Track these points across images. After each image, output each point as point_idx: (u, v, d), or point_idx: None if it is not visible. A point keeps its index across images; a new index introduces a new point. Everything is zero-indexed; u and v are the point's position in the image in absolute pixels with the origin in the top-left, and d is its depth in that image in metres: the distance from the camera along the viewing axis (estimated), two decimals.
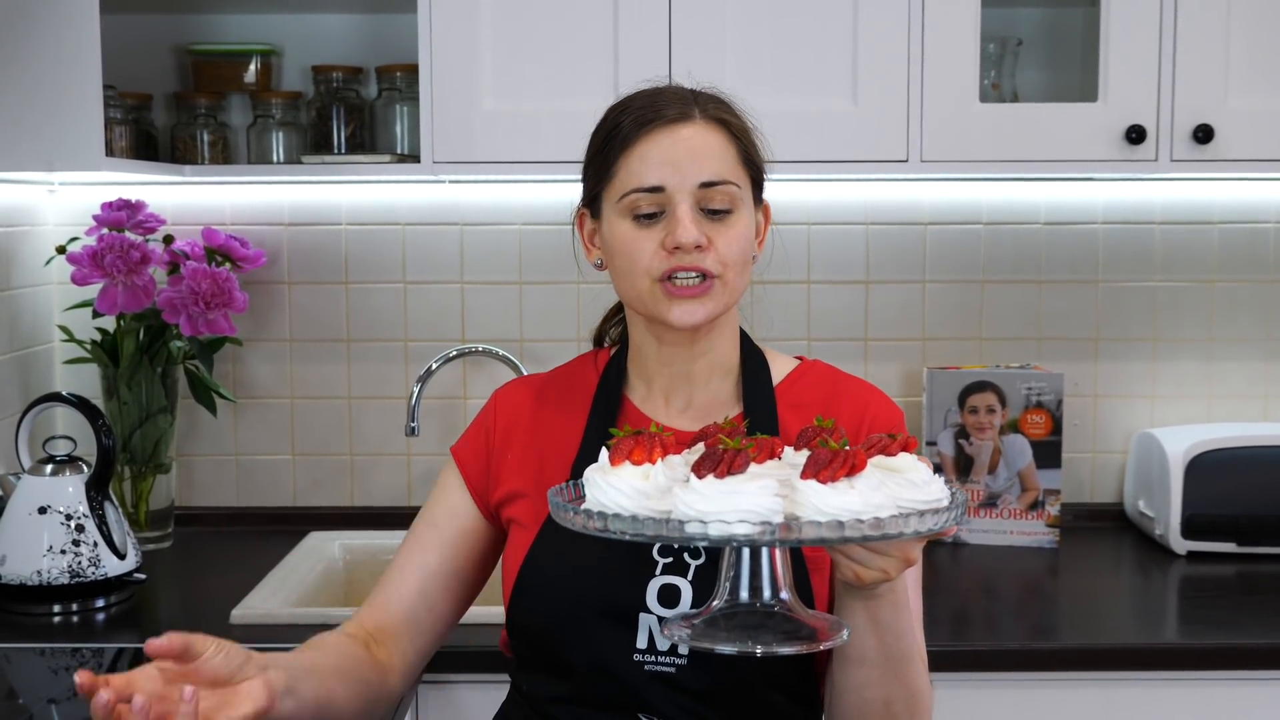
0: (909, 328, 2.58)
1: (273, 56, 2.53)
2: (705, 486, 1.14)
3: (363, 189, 2.55)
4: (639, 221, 1.40)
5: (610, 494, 1.18)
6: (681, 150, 1.39)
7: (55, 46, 2.01)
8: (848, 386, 1.52)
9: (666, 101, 1.42)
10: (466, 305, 2.57)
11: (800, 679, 1.43)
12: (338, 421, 2.59)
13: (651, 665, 1.39)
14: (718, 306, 1.41)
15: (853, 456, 1.16)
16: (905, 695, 1.35)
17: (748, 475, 1.16)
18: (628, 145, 1.40)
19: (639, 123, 1.40)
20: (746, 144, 1.44)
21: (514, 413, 1.55)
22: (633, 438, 1.23)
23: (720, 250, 1.39)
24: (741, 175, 1.42)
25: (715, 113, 1.43)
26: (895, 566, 1.21)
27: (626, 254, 1.41)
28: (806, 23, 2.18)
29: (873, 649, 1.30)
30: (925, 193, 2.55)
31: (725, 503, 1.13)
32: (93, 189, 2.48)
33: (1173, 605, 2.21)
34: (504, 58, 2.19)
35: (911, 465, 1.20)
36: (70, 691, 1.80)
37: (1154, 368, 2.59)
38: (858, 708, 1.36)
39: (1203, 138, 2.17)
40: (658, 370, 1.49)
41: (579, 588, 1.42)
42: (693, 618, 1.25)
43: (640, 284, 1.41)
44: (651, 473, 1.20)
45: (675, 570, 1.40)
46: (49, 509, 2.05)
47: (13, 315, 2.38)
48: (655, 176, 1.39)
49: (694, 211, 1.39)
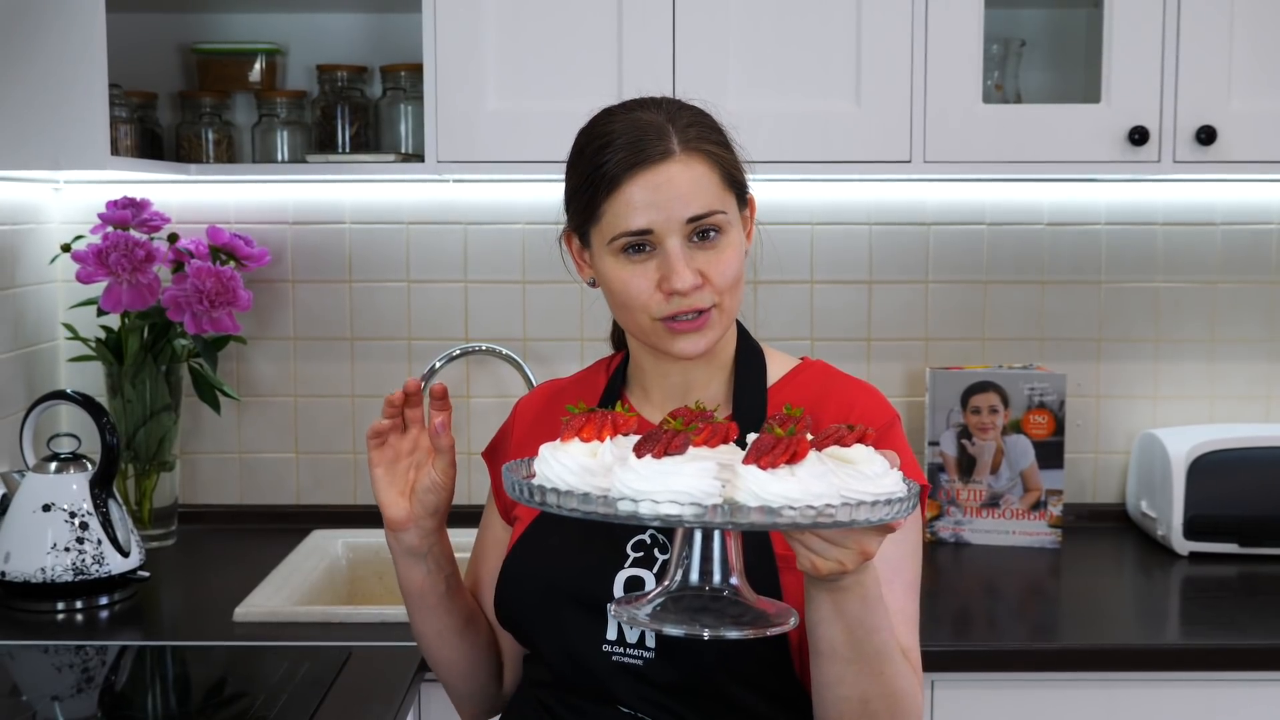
0: (912, 328, 2.58)
1: (278, 55, 2.54)
2: (642, 466, 1.14)
3: (367, 188, 2.56)
4: (631, 258, 1.41)
5: (555, 469, 1.18)
6: (666, 192, 1.38)
7: (61, 45, 2.02)
8: (839, 385, 1.52)
9: (646, 134, 1.40)
10: (470, 304, 2.57)
11: (778, 680, 1.41)
12: (341, 420, 2.59)
13: (619, 656, 1.39)
14: (719, 332, 1.43)
15: (794, 444, 1.15)
16: (884, 694, 1.32)
17: (687, 457, 1.16)
18: (612, 190, 1.40)
19: (624, 166, 1.39)
20: (727, 165, 1.43)
21: (528, 418, 1.57)
22: (585, 415, 1.23)
23: (715, 280, 1.40)
24: (727, 199, 1.42)
25: (695, 142, 1.41)
26: (851, 558, 1.19)
27: (623, 292, 1.42)
28: (810, 23, 2.18)
29: (842, 643, 1.28)
30: (928, 193, 2.56)
31: (660, 483, 1.12)
32: (98, 187, 2.48)
33: (1175, 606, 2.21)
34: (508, 57, 2.19)
35: (865, 458, 1.19)
36: (74, 688, 1.80)
37: (1156, 368, 2.59)
38: (835, 705, 1.34)
39: (1205, 139, 2.18)
40: (656, 381, 1.51)
41: (552, 577, 1.43)
42: (642, 598, 1.26)
43: (640, 320, 1.42)
44: (599, 450, 1.20)
45: (643, 563, 1.40)
46: (53, 506, 2.05)
47: (17, 313, 2.39)
48: (643, 220, 1.39)
49: (684, 247, 1.39)
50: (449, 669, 1.56)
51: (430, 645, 1.55)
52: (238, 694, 1.76)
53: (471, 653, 1.55)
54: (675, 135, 1.40)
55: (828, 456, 1.18)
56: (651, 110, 1.43)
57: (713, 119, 1.47)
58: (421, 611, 1.51)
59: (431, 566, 1.48)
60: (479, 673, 1.57)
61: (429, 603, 1.50)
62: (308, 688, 1.71)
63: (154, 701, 1.77)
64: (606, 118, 1.44)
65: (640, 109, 1.44)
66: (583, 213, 1.44)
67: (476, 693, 1.59)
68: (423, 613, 1.51)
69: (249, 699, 1.71)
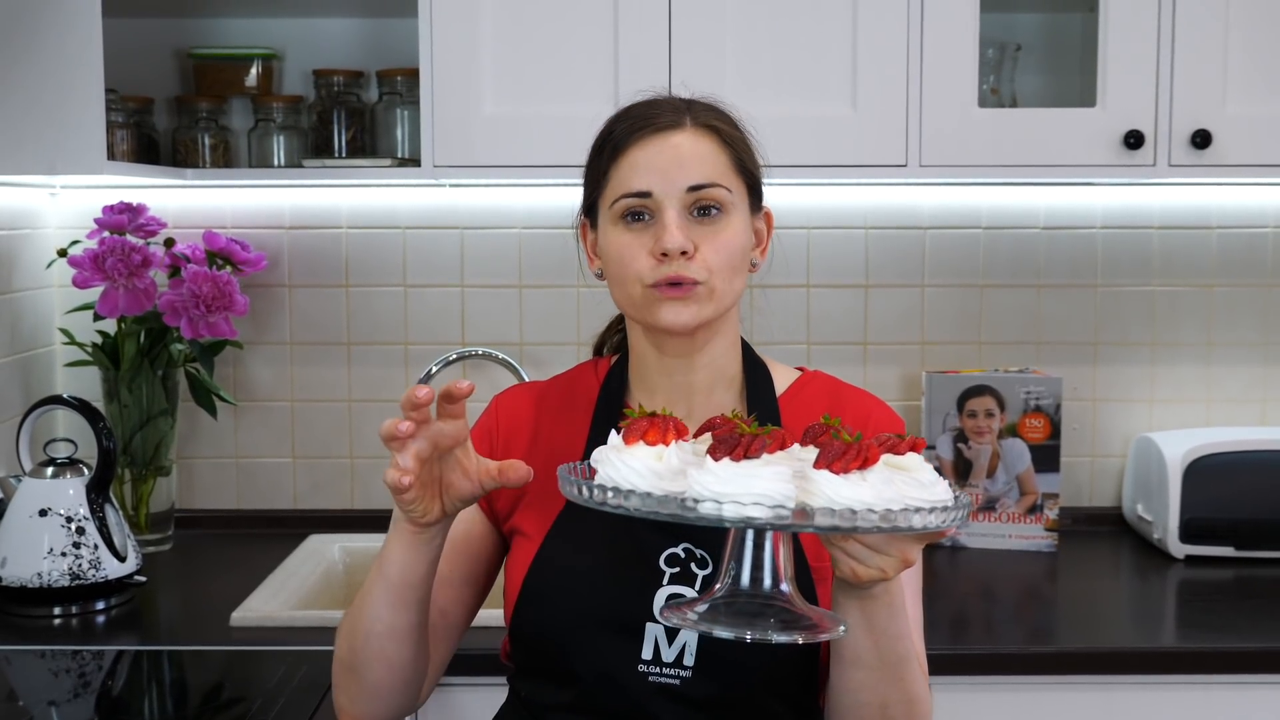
0: (908, 332, 2.58)
1: (274, 60, 2.54)
2: (721, 469, 1.15)
3: (363, 192, 2.56)
4: (630, 226, 1.42)
5: (624, 472, 1.19)
6: (669, 156, 1.41)
7: (57, 50, 2.02)
8: (850, 396, 1.53)
9: (660, 110, 1.44)
10: (466, 308, 2.57)
11: (801, 689, 1.44)
12: (338, 424, 2.59)
13: (656, 677, 1.39)
14: (705, 311, 1.42)
15: (865, 450, 1.17)
16: (902, 699, 1.36)
17: (762, 461, 1.17)
18: (619, 153, 1.43)
19: (631, 130, 1.43)
20: (740, 151, 1.45)
21: (515, 418, 1.55)
22: (647, 419, 1.24)
23: (707, 256, 1.40)
24: (733, 180, 1.43)
25: (707, 120, 1.45)
26: (893, 566, 1.22)
27: (619, 259, 1.43)
28: (806, 28, 2.18)
29: (868, 651, 1.31)
30: (924, 197, 2.56)
31: (741, 485, 1.14)
32: (94, 192, 2.48)
33: (1171, 609, 2.21)
34: (504, 62, 2.20)
35: (919, 465, 1.21)
36: (71, 693, 1.80)
37: (1152, 372, 2.59)
38: (855, 711, 1.37)
39: (1201, 143, 2.18)
40: (659, 381, 1.50)
41: (584, 597, 1.42)
42: (693, 603, 1.26)
43: (633, 289, 1.43)
44: (665, 454, 1.21)
45: (682, 580, 1.40)
46: (50, 511, 2.05)
47: (14, 318, 2.39)
48: (644, 181, 1.41)
49: (682, 216, 1.40)
50: (396, 670, 1.43)
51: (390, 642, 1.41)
52: (235, 698, 1.76)
53: (423, 653, 1.45)
54: (689, 113, 1.44)
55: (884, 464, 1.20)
56: (674, 99, 1.48)
57: (734, 117, 1.50)
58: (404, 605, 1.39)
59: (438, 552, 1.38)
60: (419, 675, 1.46)
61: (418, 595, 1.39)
62: (305, 692, 1.71)
63: (151, 706, 1.77)
64: (634, 103, 1.48)
65: (665, 97, 1.48)
66: (593, 181, 1.47)
67: (402, 696, 1.46)
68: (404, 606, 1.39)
69: (246, 703, 1.71)
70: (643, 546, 1.41)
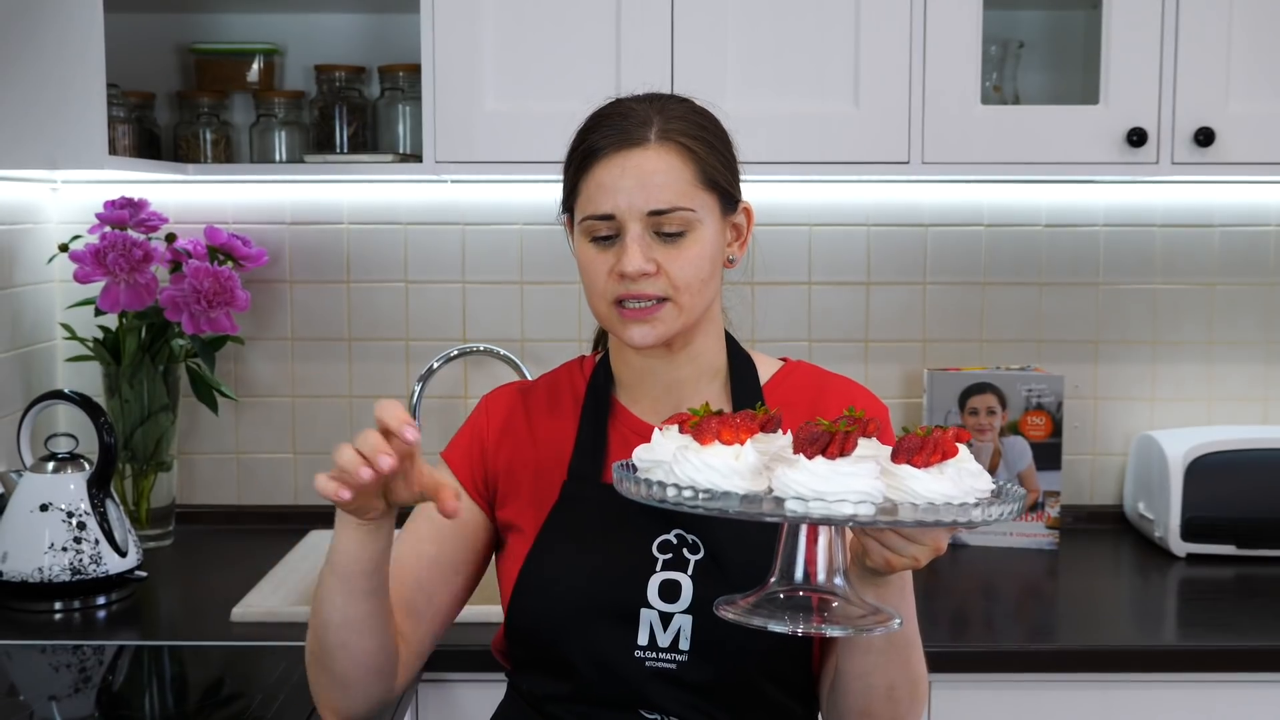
0: (909, 329, 2.58)
1: (275, 56, 2.54)
2: (815, 466, 1.16)
3: (365, 188, 2.56)
4: (597, 244, 1.43)
5: (706, 473, 1.19)
6: (633, 178, 1.40)
7: (59, 45, 2.02)
8: (833, 384, 1.55)
9: (629, 120, 1.43)
10: (468, 305, 2.57)
11: (797, 672, 1.46)
12: (339, 420, 2.59)
13: (652, 662, 1.41)
14: (672, 327, 1.43)
15: (945, 443, 1.19)
16: (907, 680, 1.40)
17: (853, 458, 1.18)
18: (585, 169, 1.43)
19: (597, 145, 1.42)
20: (707, 163, 1.44)
21: (505, 416, 1.56)
22: (718, 418, 1.24)
23: (671, 274, 1.41)
24: (698, 196, 1.42)
25: (674, 132, 1.43)
26: (926, 554, 1.24)
27: (587, 275, 1.45)
28: (808, 25, 2.18)
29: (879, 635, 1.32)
30: (926, 194, 2.56)
31: (838, 483, 1.15)
32: (95, 187, 2.48)
33: (1172, 607, 2.21)
34: (506, 58, 2.19)
35: (966, 456, 1.23)
36: (71, 688, 1.80)
37: (1154, 370, 2.59)
38: (863, 694, 1.39)
39: (1204, 141, 2.18)
40: (644, 377, 1.52)
41: (580, 587, 1.43)
42: (747, 596, 1.27)
43: (599, 305, 1.45)
44: (741, 453, 1.21)
45: (675, 566, 1.42)
46: (50, 506, 2.05)
47: (15, 313, 2.38)
48: (608, 204, 1.41)
49: (644, 237, 1.41)
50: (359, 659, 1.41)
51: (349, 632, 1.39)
52: (235, 694, 1.76)
53: (388, 642, 1.43)
54: (656, 126, 1.43)
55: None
56: (647, 102, 1.46)
57: (708, 120, 1.48)
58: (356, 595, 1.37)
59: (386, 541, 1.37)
60: (388, 663, 1.44)
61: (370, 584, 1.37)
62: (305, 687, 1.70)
63: (151, 701, 1.77)
64: (610, 103, 1.48)
65: (638, 100, 1.47)
66: (568, 188, 1.48)
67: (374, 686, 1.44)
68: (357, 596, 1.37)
69: (246, 699, 1.71)
70: (636, 534, 1.43)
